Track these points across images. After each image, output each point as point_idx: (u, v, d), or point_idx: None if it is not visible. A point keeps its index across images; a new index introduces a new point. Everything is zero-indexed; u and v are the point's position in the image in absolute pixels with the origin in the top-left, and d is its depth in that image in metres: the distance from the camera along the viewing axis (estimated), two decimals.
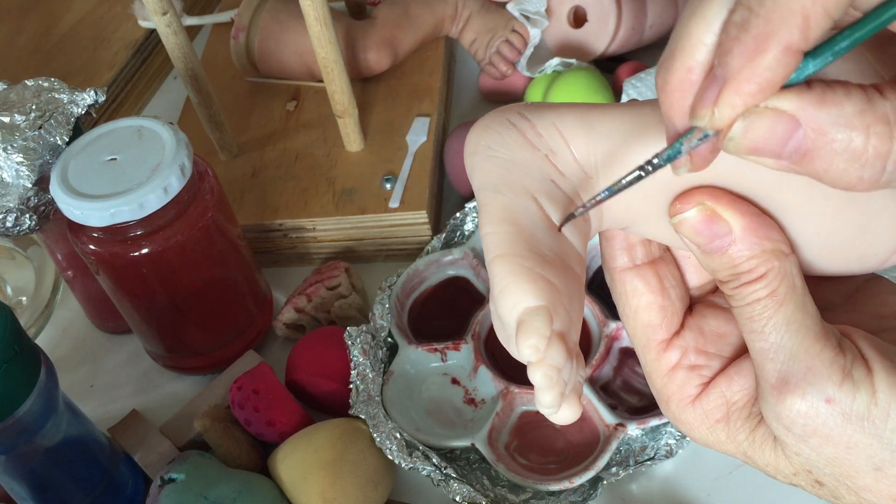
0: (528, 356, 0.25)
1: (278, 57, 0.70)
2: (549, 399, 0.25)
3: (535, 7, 0.70)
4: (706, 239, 0.27)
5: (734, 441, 0.30)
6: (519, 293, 0.25)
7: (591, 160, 0.28)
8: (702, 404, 0.30)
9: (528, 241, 0.26)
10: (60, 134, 0.50)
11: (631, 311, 0.31)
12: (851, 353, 0.27)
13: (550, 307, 0.25)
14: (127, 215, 0.46)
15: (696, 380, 0.30)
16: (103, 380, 0.60)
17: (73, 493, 0.47)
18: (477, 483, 0.47)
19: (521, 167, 0.27)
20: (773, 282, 0.27)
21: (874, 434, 0.26)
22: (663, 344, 0.31)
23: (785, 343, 0.27)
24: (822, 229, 0.27)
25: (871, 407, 0.26)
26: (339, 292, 0.57)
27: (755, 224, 0.27)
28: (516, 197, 0.27)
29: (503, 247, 0.26)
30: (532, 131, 0.27)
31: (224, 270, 0.53)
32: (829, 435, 0.26)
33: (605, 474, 0.46)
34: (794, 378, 0.26)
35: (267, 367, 0.51)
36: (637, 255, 0.31)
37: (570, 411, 0.26)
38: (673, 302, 0.31)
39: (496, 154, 0.28)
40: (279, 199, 0.63)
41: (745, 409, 0.29)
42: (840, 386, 0.26)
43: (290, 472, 0.47)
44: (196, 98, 0.62)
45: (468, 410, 0.51)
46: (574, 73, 0.66)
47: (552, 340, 0.25)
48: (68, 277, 0.59)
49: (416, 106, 0.68)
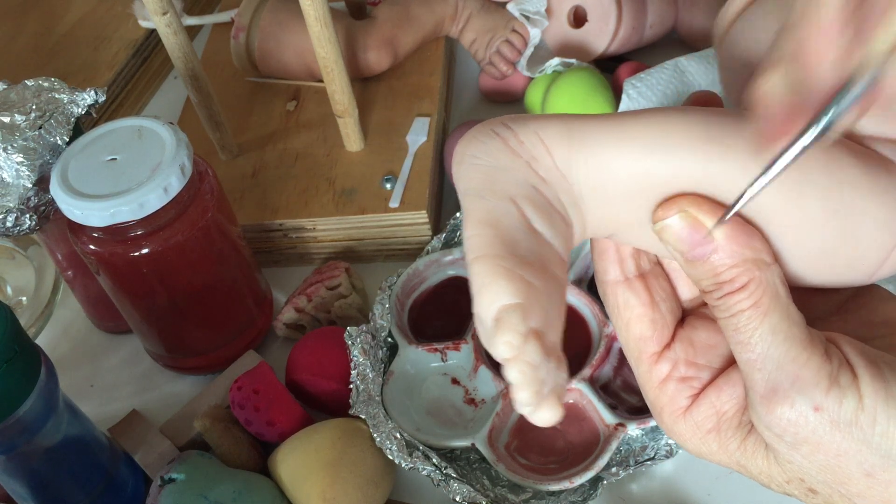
0: (503, 353, 0.25)
1: (278, 57, 0.70)
2: (526, 396, 0.25)
3: (535, 7, 0.70)
4: (688, 246, 0.28)
5: (726, 451, 0.30)
6: (496, 291, 0.26)
7: (573, 167, 0.28)
8: (692, 415, 0.30)
9: (507, 243, 0.26)
10: (60, 134, 0.50)
11: (623, 323, 0.31)
12: (838, 360, 0.27)
13: (527, 305, 0.25)
14: (127, 215, 0.46)
15: (686, 391, 0.30)
16: (103, 380, 0.60)
17: (73, 493, 0.47)
18: (477, 483, 0.47)
19: (503, 173, 0.28)
20: (755, 292, 0.27)
21: (863, 440, 0.26)
22: (654, 356, 0.31)
23: (771, 353, 0.27)
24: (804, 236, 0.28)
25: (859, 413, 0.26)
26: (339, 292, 0.57)
27: (737, 232, 0.27)
28: (498, 201, 0.27)
29: (482, 248, 0.26)
30: (514, 139, 0.28)
31: (224, 270, 0.53)
32: (820, 442, 0.26)
33: (605, 474, 0.46)
34: (783, 388, 0.27)
35: (267, 367, 0.51)
36: (628, 269, 0.31)
37: (550, 413, 0.26)
38: (663, 315, 0.31)
39: (480, 162, 0.28)
40: (279, 199, 0.63)
41: (734, 419, 0.30)
42: (827, 393, 0.26)
43: (290, 472, 0.47)
44: (196, 98, 0.62)
45: (468, 410, 0.51)
46: (574, 73, 0.66)
47: (528, 338, 0.25)
48: (68, 277, 0.59)
49: (416, 106, 0.68)
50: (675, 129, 0.27)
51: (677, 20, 0.74)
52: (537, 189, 0.28)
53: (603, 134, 0.28)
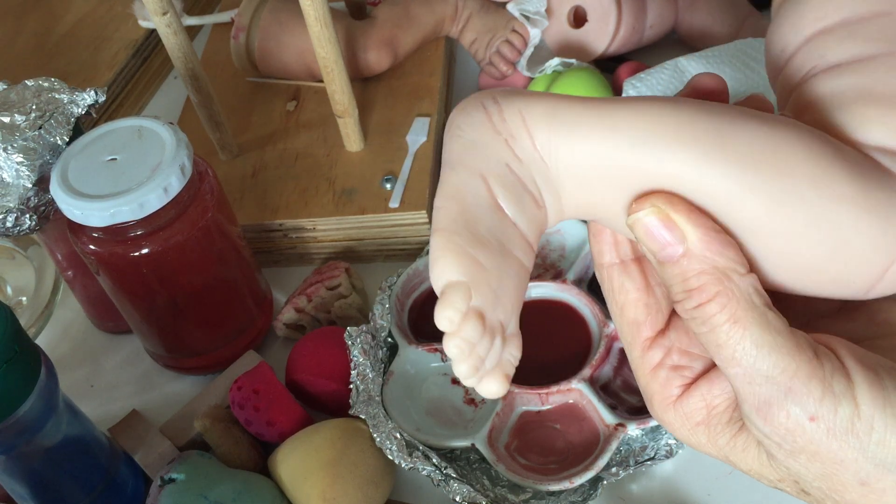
0: (443, 327, 0.26)
1: (278, 57, 0.70)
2: (462, 370, 0.27)
3: (535, 7, 0.70)
4: (658, 245, 0.27)
5: (715, 445, 0.30)
6: (444, 267, 0.26)
7: (552, 150, 0.28)
8: (682, 406, 0.30)
9: (467, 219, 0.27)
10: (60, 134, 0.50)
11: (618, 307, 0.31)
12: (830, 363, 0.26)
13: (471, 284, 0.26)
14: (127, 215, 0.46)
15: (678, 380, 0.30)
16: (103, 380, 0.60)
17: (73, 493, 0.47)
18: (477, 483, 0.47)
19: (480, 149, 0.28)
20: (728, 305, 0.26)
21: (859, 448, 0.25)
22: (648, 341, 0.31)
23: (759, 366, 0.26)
24: (788, 248, 0.27)
25: (855, 420, 0.25)
26: (339, 292, 0.57)
27: (710, 238, 0.26)
28: (468, 176, 0.28)
29: (442, 222, 0.27)
30: (498, 115, 0.28)
31: (224, 270, 0.53)
32: (818, 451, 0.26)
33: (605, 474, 0.46)
34: (776, 399, 0.26)
35: (267, 367, 0.51)
36: (623, 251, 0.31)
37: (494, 385, 0.27)
38: (658, 300, 0.31)
39: (462, 134, 0.28)
40: (279, 199, 0.63)
41: (725, 414, 0.29)
42: (821, 401, 0.25)
43: (290, 472, 0.47)
44: (196, 98, 0.62)
45: (468, 410, 0.51)
46: (574, 73, 0.66)
47: (468, 316, 0.26)
48: (68, 277, 0.59)
49: (416, 106, 0.68)
50: (660, 122, 0.26)
51: (677, 20, 0.74)
52: (510, 167, 0.28)
53: (587, 119, 0.27)
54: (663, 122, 0.26)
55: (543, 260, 0.58)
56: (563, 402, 0.50)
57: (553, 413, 0.50)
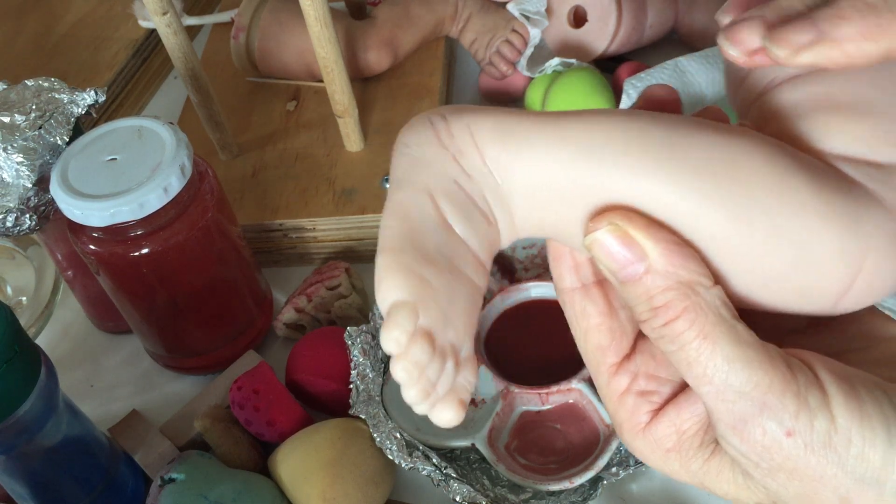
0: (389, 349, 0.25)
1: (278, 57, 0.70)
2: (412, 395, 0.25)
3: (535, 7, 0.70)
4: (618, 265, 0.26)
5: (688, 471, 0.29)
6: (389, 286, 0.25)
7: (501, 166, 0.27)
8: (652, 433, 0.29)
9: (413, 238, 0.26)
10: (60, 134, 0.50)
11: (581, 333, 0.30)
12: (804, 376, 0.25)
13: (419, 304, 0.25)
14: (127, 215, 0.46)
15: (646, 406, 0.29)
16: (103, 380, 0.60)
17: (73, 493, 0.47)
18: (477, 483, 0.47)
19: (427, 165, 0.27)
20: (697, 320, 0.25)
21: (838, 463, 0.25)
22: (613, 367, 0.30)
23: (731, 382, 0.25)
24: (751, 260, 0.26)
25: (832, 434, 0.25)
26: (339, 292, 0.57)
27: (671, 252, 0.25)
28: (414, 193, 0.26)
29: (388, 241, 0.26)
30: (446, 132, 0.27)
31: (224, 270, 0.53)
32: (795, 468, 0.25)
33: (605, 474, 0.46)
34: (751, 416, 0.25)
35: (267, 367, 0.51)
36: (584, 275, 0.30)
37: (448, 413, 0.26)
38: (622, 324, 0.30)
39: (408, 151, 0.27)
40: (279, 199, 0.63)
41: (696, 438, 0.28)
42: (797, 416, 0.25)
43: (290, 472, 0.47)
44: (196, 98, 0.62)
45: (468, 410, 0.51)
46: (574, 73, 0.66)
47: (415, 337, 0.25)
48: (68, 277, 0.59)
49: (416, 106, 0.68)
50: (610, 134, 0.26)
51: (677, 20, 0.74)
52: (459, 184, 0.27)
53: (536, 134, 0.26)
54: (613, 134, 0.26)
55: (543, 260, 0.58)
56: (564, 402, 0.50)
57: (553, 413, 0.50)
